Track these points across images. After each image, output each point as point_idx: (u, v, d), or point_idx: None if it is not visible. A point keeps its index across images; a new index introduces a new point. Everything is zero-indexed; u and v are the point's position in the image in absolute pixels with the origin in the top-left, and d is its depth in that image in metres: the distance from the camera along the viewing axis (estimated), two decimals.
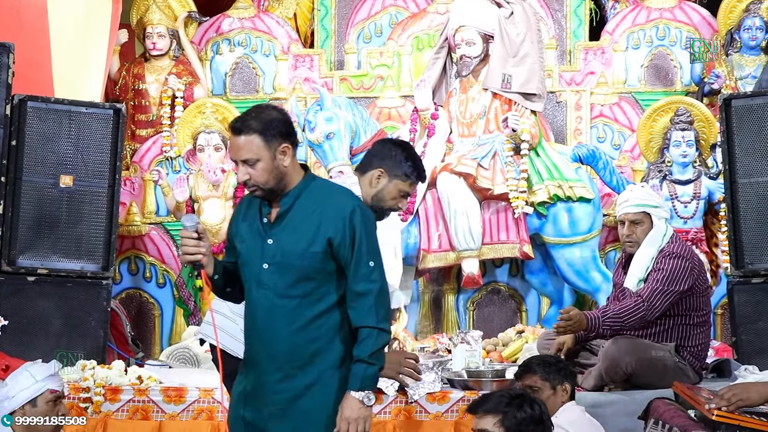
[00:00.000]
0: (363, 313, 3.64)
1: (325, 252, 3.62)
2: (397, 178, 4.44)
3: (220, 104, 7.30)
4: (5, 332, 6.07)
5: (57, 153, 6.25)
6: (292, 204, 3.66)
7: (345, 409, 3.62)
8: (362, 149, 6.90)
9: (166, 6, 7.86)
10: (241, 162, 3.63)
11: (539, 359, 4.75)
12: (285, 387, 3.63)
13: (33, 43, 6.82)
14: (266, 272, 3.65)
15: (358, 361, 3.63)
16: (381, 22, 8.07)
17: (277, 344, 3.63)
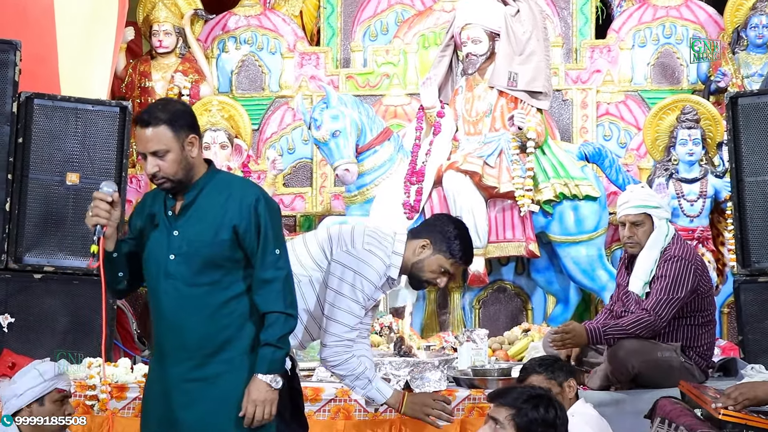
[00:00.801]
0: (271, 299, 3.67)
1: (231, 240, 3.65)
2: (442, 253, 4.32)
3: (226, 102, 7.31)
4: (12, 330, 6.08)
5: (63, 150, 6.25)
6: (196, 195, 3.69)
7: (252, 392, 3.64)
8: (368, 147, 6.91)
9: (172, 4, 7.86)
10: (150, 154, 3.64)
11: (538, 361, 4.72)
12: (196, 375, 3.64)
13: (39, 41, 6.82)
14: (173, 263, 3.66)
15: (267, 345, 3.65)
16: (387, 20, 8.07)
17: (187, 333, 3.64)
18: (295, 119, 7.75)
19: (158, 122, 3.63)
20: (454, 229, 4.38)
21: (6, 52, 6.22)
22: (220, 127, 7.13)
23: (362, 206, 6.99)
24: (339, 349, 4.23)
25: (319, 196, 7.73)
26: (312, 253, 4.34)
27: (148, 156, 3.64)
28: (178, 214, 3.69)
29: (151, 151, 3.63)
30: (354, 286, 4.22)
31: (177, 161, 3.64)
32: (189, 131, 3.67)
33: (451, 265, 4.36)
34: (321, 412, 5.48)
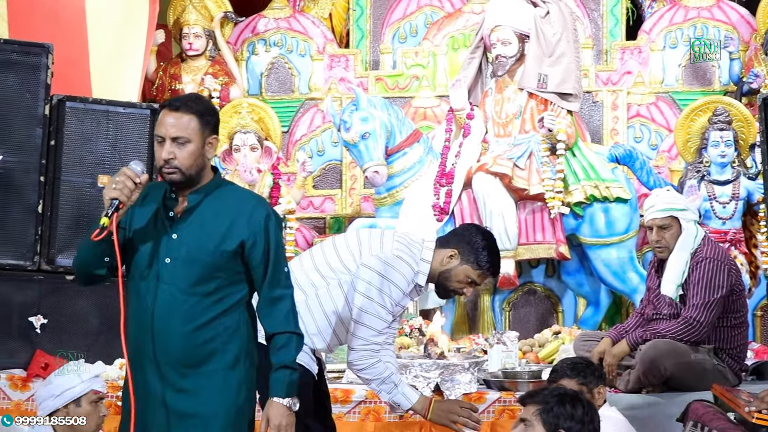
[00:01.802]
0: (281, 319, 3.58)
1: (235, 252, 3.53)
2: (469, 264, 4.32)
3: (256, 104, 7.32)
4: (44, 331, 6.12)
5: (95, 153, 6.28)
6: (200, 201, 3.55)
7: (273, 417, 3.54)
8: (397, 149, 6.91)
9: (202, 6, 7.89)
10: (170, 139, 3.50)
11: (571, 362, 4.69)
12: (181, 386, 3.51)
13: (71, 44, 6.86)
14: (168, 266, 3.51)
15: (283, 367, 3.56)
16: (416, 22, 8.07)
17: (172, 341, 3.49)
18: (325, 121, 7.76)
19: (188, 110, 3.53)
20: (482, 239, 4.38)
21: (38, 55, 6.26)
22: (250, 130, 7.14)
23: (392, 208, 6.98)
24: (366, 353, 4.23)
25: (349, 198, 7.73)
26: (341, 256, 4.35)
27: (166, 140, 3.51)
28: (179, 217, 3.55)
29: (173, 136, 3.50)
30: (382, 290, 4.22)
31: (193, 156, 3.51)
32: (213, 131, 3.57)
33: (478, 276, 4.36)
34: (351, 414, 5.49)
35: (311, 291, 4.33)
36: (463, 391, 5.40)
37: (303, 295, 4.32)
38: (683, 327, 5.24)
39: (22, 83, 6.24)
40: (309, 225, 7.59)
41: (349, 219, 7.51)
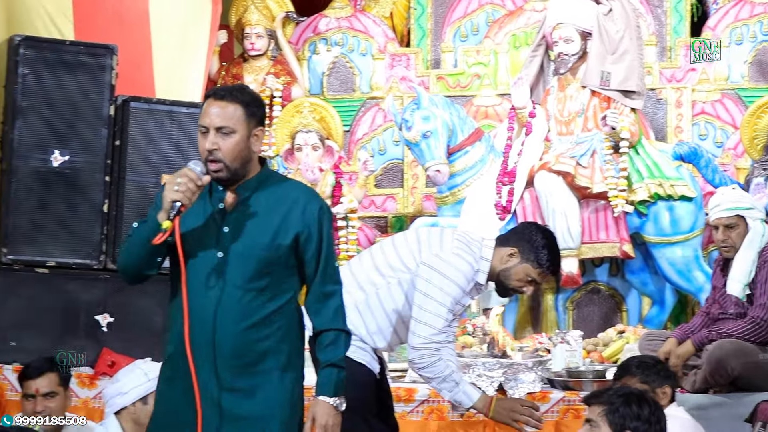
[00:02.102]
0: (330, 316, 3.50)
1: (290, 246, 3.42)
2: (529, 262, 4.32)
3: (318, 103, 7.33)
4: (111, 329, 6.19)
5: (159, 153, 6.34)
6: (251, 193, 3.44)
7: (320, 416, 3.45)
8: (459, 148, 6.90)
9: (264, 6, 7.92)
10: (215, 129, 3.37)
11: (638, 360, 4.67)
12: (234, 386, 3.39)
13: (135, 45, 6.92)
14: (221, 261, 3.39)
15: (331, 366, 3.47)
16: (477, 21, 8.04)
17: (227, 339, 3.37)
18: (386, 120, 7.76)
19: (234, 99, 3.40)
20: (542, 238, 4.37)
21: (103, 57, 6.35)
22: (311, 129, 7.15)
23: (454, 207, 6.97)
24: (426, 351, 4.23)
25: (411, 197, 7.73)
26: (401, 255, 4.35)
27: (210, 130, 3.38)
28: (230, 210, 3.44)
29: (217, 126, 3.38)
30: (442, 289, 4.21)
31: (238, 147, 3.38)
32: (259, 123, 3.45)
33: (538, 275, 4.36)
34: (414, 413, 5.49)
35: (371, 290, 4.33)
36: (527, 391, 5.38)
37: (363, 294, 4.32)
38: (750, 327, 5.18)
39: (88, 84, 6.33)
40: (371, 224, 7.60)
41: (411, 218, 7.50)
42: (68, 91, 6.31)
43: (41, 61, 6.26)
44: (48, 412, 4.78)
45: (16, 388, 5.18)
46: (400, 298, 4.32)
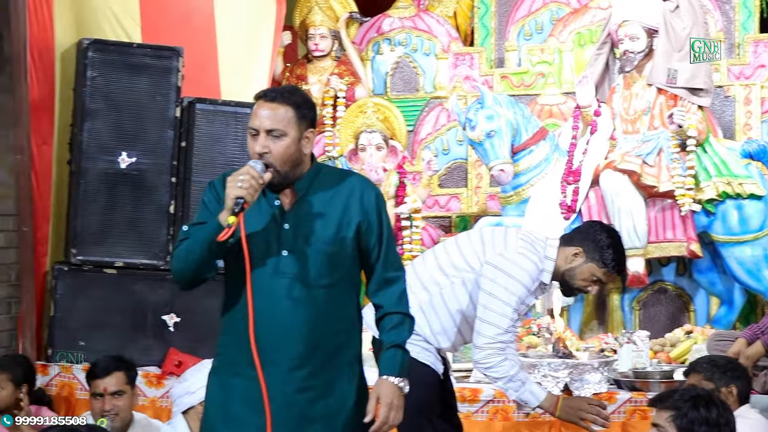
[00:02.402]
0: (395, 299, 3.48)
1: (353, 238, 3.39)
2: (594, 262, 4.32)
3: (382, 104, 7.34)
4: (177, 329, 6.25)
5: (224, 154, 6.40)
6: (307, 189, 3.39)
7: (385, 395, 3.37)
8: (523, 147, 6.87)
9: (328, 7, 7.95)
10: (265, 132, 3.31)
11: (708, 359, 4.62)
12: (309, 384, 3.34)
13: (201, 47, 6.99)
14: (286, 260, 3.33)
15: (395, 346, 3.44)
16: (542, 19, 7.98)
17: (301, 338, 3.32)
18: (450, 120, 7.74)
19: (285, 101, 3.34)
20: (607, 237, 4.35)
21: (169, 59, 6.42)
22: (375, 129, 7.16)
23: (518, 206, 6.94)
24: (491, 351, 4.21)
25: (475, 197, 7.70)
26: (464, 254, 4.34)
27: (260, 133, 3.32)
28: (289, 207, 3.39)
29: (267, 129, 3.31)
30: (507, 288, 4.20)
31: (289, 150, 3.33)
32: (310, 124, 3.39)
33: (604, 275, 4.35)
34: (479, 413, 5.47)
35: (435, 290, 4.33)
36: (593, 391, 5.33)
37: (427, 295, 4.32)
38: None
39: (154, 86, 6.40)
40: (435, 224, 7.58)
41: (475, 218, 7.48)
42: (135, 93, 6.39)
43: (109, 64, 6.34)
44: (116, 411, 4.84)
45: (86, 387, 5.25)
46: (464, 298, 4.31)
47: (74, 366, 6.14)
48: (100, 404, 4.86)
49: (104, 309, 6.22)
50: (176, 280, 3.45)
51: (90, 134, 6.30)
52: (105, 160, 6.32)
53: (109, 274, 6.26)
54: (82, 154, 6.29)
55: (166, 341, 6.23)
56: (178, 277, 3.43)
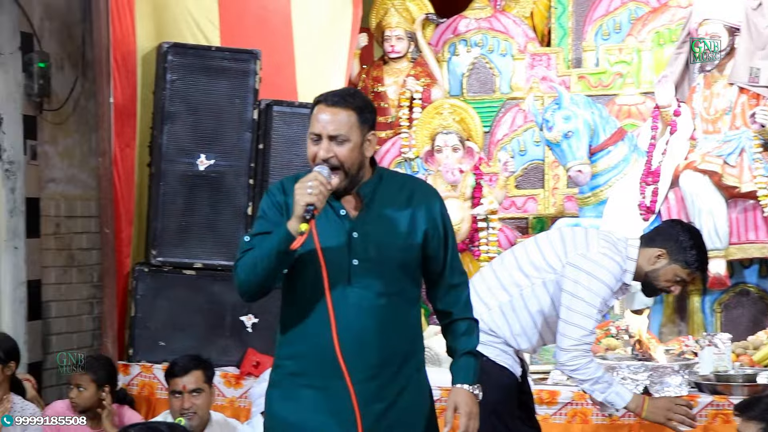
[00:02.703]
0: (462, 305, 3.46)
1: (420, 245, 3.35)
2: (677, 263, 4.32)
3: (458, 105, 7.31)
4: (255, 330, 6.30)
5: (301, 156, 6.39)
6: (372, 196, 3.33)
7: (464, 404, 3.37)
8: (601, 148, 6.80)
9: (404, 9, 7.95)
10: (328, 137, 3.24)
11: None
12: (383, 395, 3.29)
13: (278, 49, 7.04)
14: (358, 269, 3.27)
15: (469, 354, 3.43)
16: (620, 18, 7.90)
17: (374, 349, 3.26)
18: (527, 121, 7.69)
19: (347, 105, 3.27)
20: (689, 238, 4.34)
21: (247, 62, 6.49)
22: (451, 130, 7.14)
23: (596, 208, 6.88)
24: (578, 353, 4.19)
25: (552, 198, 7.65)
26: (545, 255, 4.32)
27: (323, 139, 3.26)
28: (356, 215, 3.33)
29: (331, 135, 3.24)
30: (590, 289, 4.17)
31: (353, 154, 3.26)
32: (371, 127, 3.33)
33: (687, 275, 4.34)
34: (557, 416, 5.43)
35: (516, 291, 4.31)
36: (674, 394, 5.26)
37: (507, 296, 4.31)
38: None
39: (233, 89, 6.47)
40: (511, 225, 7.55)
41: (552, 219, 7.42)
42: (214, 96, 6.46)
43: (188, 67, 6.42)
44: (194, 409, 4.91)
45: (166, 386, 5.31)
46: (545, 299, 4.29)
47: (154, 366, 6.22)
48: (179, 402, 4.93)
49: (183, 310, 6.30)
50: (242, 292, 3.37)
51: (169, 137, 6.38)
52: (184, 163, 6.40)
53: (188, 275, 6.34)
54: (161, 157, 6.37)
55: (244, 342, 6.28)
56: (244, 289, 3.35)
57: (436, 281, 3.46)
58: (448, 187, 7.02)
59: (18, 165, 7.06)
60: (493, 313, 4.28)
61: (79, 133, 7.59)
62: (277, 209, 3.35)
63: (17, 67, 7.10)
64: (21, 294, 7.05)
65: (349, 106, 3.28)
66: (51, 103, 7.31)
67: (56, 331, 7.36)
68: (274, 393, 3.40)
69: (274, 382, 3.43)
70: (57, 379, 7.30)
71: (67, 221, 7.47)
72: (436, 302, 3.49)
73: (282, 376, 3.39)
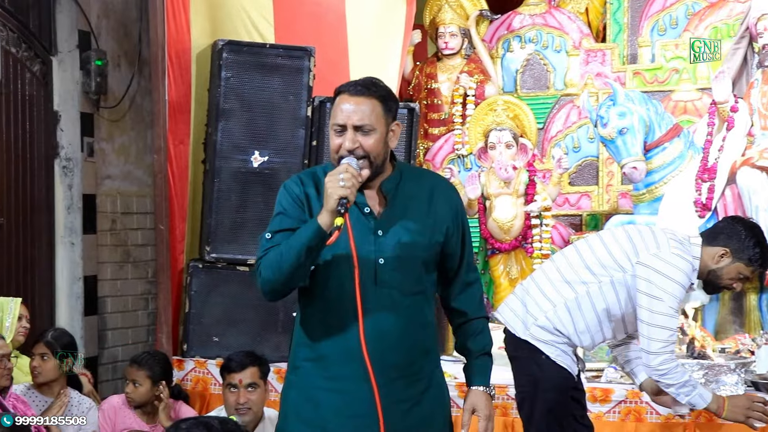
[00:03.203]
0: (476, 303, 3.42)
1: (442, 243, 3.29)
2: (741, 261, 4.31)
3: (511, 101, 7.29)
4: None
5: None
6: (395, 193, 3.25)
7: (483, 407, 3.35)
8: (657, 144, 6.74)
9: (458, 5, 7.94)
10: (353, 128, 3.15)
11: None
12: (408, 394, 3.25)
13: (332, 46, 7.06)
14: (384, 268, 3.18)
15: (485, 354, 3.39)
16: (676, 14, 7.82)
17: (400, 348, 3.20)
18: (581, 117, 7.65)
19: (372, 94, 3.18)
20: (752, 236, 4.33)
21: (301, 59, 6.50)
22: (505, 127, 7.11)
23: (650, 205, 6.81)
24: (667, 356, 4.17)
25: (606, 195, 7.59)
26: (613, 253, 4.30)
27: (348, 129, 3.16)
28: (381, 212, 3.24)
29: (356, 125, 3.16)
30: (666, 291, 4.16)
31: (379, 145, 3.18)
32: (395, 117, 3.25)
33: (751, 272, 4.34)
34: (610, 414, 5.39)
35: (582, 289, 4.29)
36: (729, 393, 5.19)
37: (573, 293, 4.29)
38: None
39: (286, 86, 6.49)
40: (565, 222, 7.51)
41: (606, 216, 7.37)
42: (268, 93, 6.49)
43: (242, 65, 6.45)
44: (249, 405, 4.94)
45: (220, 382, 5.34)
46: (611, 298, 4.27)
47: (208, 361, 6.27)
48: (234, 396, 4.97)
49: (237, 306, 6.33)
50: (266, 291, 3.25)
51: (224, 134, 6.42)
52: (238, 159, 6.43)
53: (241, 272, 6.37)
54: (216, 154, 6.41)
55: None
56: (269, 287, 3.23)
57: (451, 278, 3.40)
58: (501, 184, 7.00)
59: (75, 162, 7.16)
60: (558, 310, 4.26)
61: (134, 130, 7.68)
62: (298, 204, 3.26)
63: (75, 65, 7.21)
64: (78, 290, 7.15)
65: (374, 95, 3.19)
66: (108, 101, 7.40)
67: (112, 327, 7.46)
68: (292, 393, 3.33)
69: (292, 382, 3.35)
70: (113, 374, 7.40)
71: (123, 218, 7.57)
72: (450, 300, 3.43)
73: (302, 377, 3.31)
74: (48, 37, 7.16)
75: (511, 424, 5.47)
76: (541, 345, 4.23)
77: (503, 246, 6.92)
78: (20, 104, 6.84)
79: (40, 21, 7.10)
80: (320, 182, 3.21)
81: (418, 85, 7.97)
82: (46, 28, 7.14)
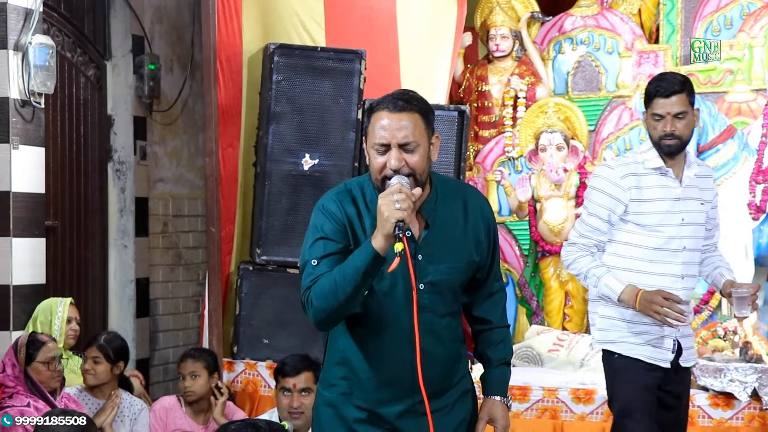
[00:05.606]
0: (500, 312, 3.36)
1: (478, 261, 3.21)
2: (646, 110, 4.37)
3: (563, 103, 7.25)
4: None
5: None
6: (433, 213, 3.12)
7: (501, 418, 3.27)
8: (710, 146, 6.69)
9: (509, 7, 7.91)
10: (397, 146, 3.00)
11: None
12: (436, 406, 3.15)
13: (383, 49, 7.06)
14: (422, 293, 3.07)
15: (505, 364, 3.32)
16: (731, 14, 7.72)
17: (436, 367, 3.14)
18: (633, 119, 7.58)
19: (413, 108, 3.05)
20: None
21: (352, 62, 6.51)
22: (556, 129, 7.09)
23: None
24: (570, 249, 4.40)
25: None
26: None
27: (392, 148, 3.00)
28: (420, 235, 3.11)
29: (401, 143, 3.00)
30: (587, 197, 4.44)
31: (424, 160, 3.04)
32: (434, 128, 3.13)
33: (656, 108, 4.40)
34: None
35: None
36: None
37: None
38: None
39: (337, 89, 6.50)
40: None
41: None
42: (318, 96, 6.49)
43: (293, 68, 6.47)
44: (302, 408, 4.95)
45: (270, 384, 5.36)
46: None
47: (258, 363, 6.29)
48: (288, 400, 4.98)
49: (287, 308, 6.34)
50: (320, 320, 3.07)
51: (275, 137, 6.44)
52: (289, 162, 6.45)
53: (292, 274, 6.38)
54: (266, 157, 6.43)
55: None
56: (324, 316, 3.05)
57: (477, 288, 3.31)
58: (552, 186, 6.97)
59: (128, 165, 7.23)
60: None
61: (186, 133, 7.75)
62: (340, 227, 3.11)
63: (128, 69, 7.29)
64: (130, 292, 7.23)
65: (414, 109, 3.06)
66: (160, 105, 7.48)
67: (163, 329, 7.52)
68: (328, 412, 3.25)
69: (327, 399, 3.26)
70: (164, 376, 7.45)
71: (175, 220, 7.63)
72: (474, 308, 3.34)
73: (337, 396, 3.22)
74: (102, 42, 7.24)
75: (561, 427, 5.44)
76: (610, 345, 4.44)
77: (554, 248, 6.89)
78: (75, 108, 6.93)
79: (95, 26, 7.19)
80: (358, 200, 3.13)
81: (468, 88, 7.95)
82: (100, 33, 7.22)
